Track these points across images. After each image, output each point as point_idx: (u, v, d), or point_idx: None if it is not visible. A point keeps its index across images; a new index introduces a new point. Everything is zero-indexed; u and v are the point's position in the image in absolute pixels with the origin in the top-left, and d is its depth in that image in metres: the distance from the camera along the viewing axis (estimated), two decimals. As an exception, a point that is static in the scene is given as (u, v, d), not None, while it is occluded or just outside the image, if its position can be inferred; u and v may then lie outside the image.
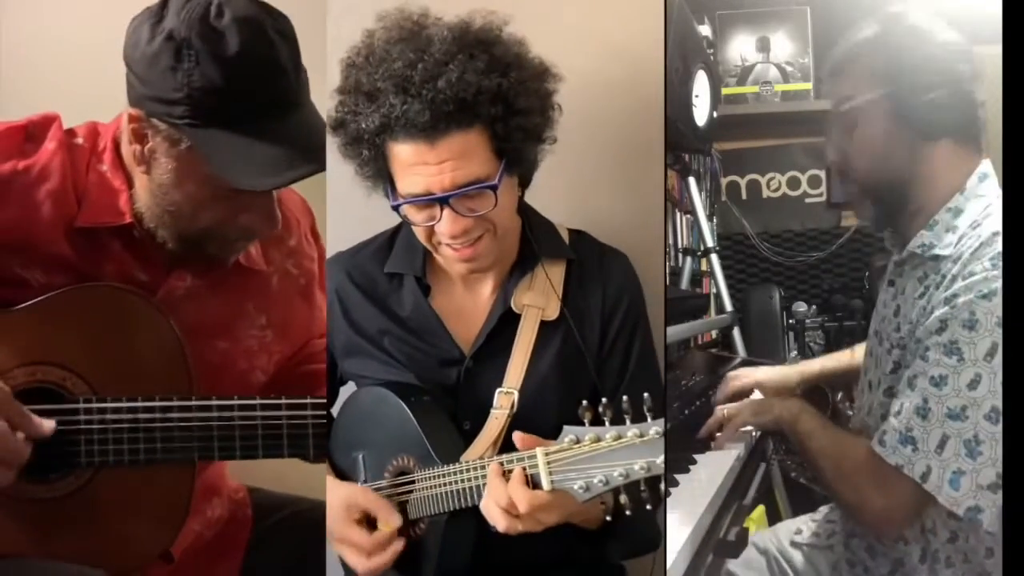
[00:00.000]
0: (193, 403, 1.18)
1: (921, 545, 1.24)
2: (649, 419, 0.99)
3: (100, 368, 1.17)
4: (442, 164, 1.11)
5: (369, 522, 1.20)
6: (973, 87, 1.17)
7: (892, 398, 1.18)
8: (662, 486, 1.01)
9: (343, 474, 1.29)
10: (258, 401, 1.19)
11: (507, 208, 1.21)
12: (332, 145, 1.18)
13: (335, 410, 1.35)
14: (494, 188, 1.14)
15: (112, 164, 1.20)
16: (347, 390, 1.36)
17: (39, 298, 1.16)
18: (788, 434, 1.37)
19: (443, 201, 1.13)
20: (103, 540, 1.18)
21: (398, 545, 1.17)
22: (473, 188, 1.13)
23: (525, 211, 1.31)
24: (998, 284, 1.06)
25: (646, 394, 0.99)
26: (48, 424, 1.12)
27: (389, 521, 1.18)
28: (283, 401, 1.20)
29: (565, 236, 1.31)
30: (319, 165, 1.12)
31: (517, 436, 1.07)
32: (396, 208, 1.18)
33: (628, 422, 1.00)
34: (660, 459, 0.98)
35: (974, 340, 1.07)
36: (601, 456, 1.00)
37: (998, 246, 1.10)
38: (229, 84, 1.08)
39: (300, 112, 1.15)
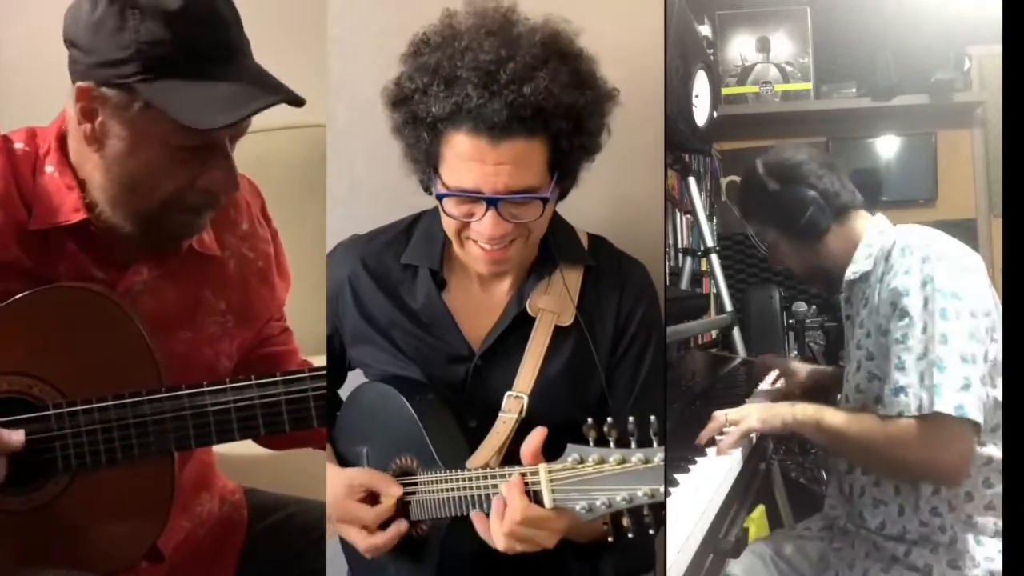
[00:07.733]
0: (164, 395, 1.16)
1: (899, 501, 1.43)
2: (655, 443, 0.98)
3: (66, 371, 1.15)
4: (499, 166, 1.10)
5: (373, 502, 1.19)
6: (838, 184, 1.54)
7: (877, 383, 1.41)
8: (665, 512, 1.00)
9: (347, 467, 1.28)
10: (229, 385, 1.18)
11: (546, 218, 1.20)
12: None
13: (342, 396, 1.35)
14: (545, 200, 1.14)
15: (59, 163, 1.19)
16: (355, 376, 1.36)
17: None
18: (809, 434, 1.43)
19: (491, 202, 1.12)
20: (88, 544, 1.17)
21: (402, 525, 1.17)
22: (526, 196, 1.12)
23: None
24: (910, 262, 1.36)
25: (652, 417, 0.98)
26: (17, 436, 1.11)
27: (390, 492, 1.17)
28: (253, 382, 1.18)
29: (584, 241, 1.30)
30: (278, 96, 1.12)
31: (526, 453, 1.05)
32: (440, 198, 1.15)
33: (633, 445, 0.98)
34: (663, 488, 0.97)
35: (912, 301, 1.33)
36: (604, 479, 0.99)
37: (900, 243, 1.42)
38: (175, 35, 1.09)
39: (247, 59, 1.16)
